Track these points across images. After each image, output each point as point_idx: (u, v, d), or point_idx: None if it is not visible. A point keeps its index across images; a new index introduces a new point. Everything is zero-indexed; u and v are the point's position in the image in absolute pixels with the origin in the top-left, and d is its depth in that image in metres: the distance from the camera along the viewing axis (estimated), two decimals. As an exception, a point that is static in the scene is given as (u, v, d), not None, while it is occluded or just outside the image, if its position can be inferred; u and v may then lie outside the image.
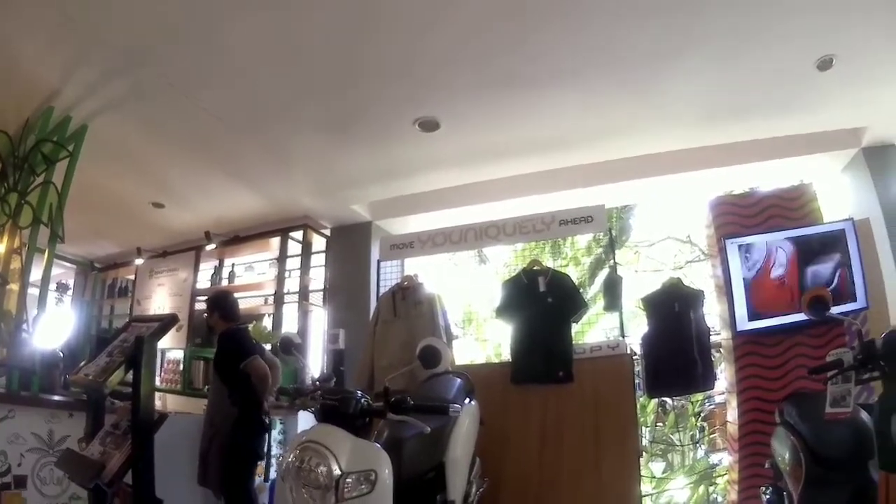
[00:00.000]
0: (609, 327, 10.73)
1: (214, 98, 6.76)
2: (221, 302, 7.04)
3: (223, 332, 6.79)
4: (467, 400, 5.44)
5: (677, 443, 12.30)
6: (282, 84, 6.54)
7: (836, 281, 6.60)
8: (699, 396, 10.97)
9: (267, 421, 6.69)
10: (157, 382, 9.89)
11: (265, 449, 6.99)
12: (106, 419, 4.88)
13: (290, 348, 5.05)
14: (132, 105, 6.84)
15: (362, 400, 3.74)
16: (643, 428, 11.82)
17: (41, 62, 6.14)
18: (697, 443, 12.03)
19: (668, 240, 14.41)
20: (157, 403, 6.69)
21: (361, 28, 5.63)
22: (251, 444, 6.49)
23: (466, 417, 5.11)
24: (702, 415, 11.90)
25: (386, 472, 3.40)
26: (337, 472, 3.24)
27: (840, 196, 8.73)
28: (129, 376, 4.62)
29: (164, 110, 6.96)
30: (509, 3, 5.38)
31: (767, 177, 8.76)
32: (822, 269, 6.64)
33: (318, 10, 5.36)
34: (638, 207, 13.50)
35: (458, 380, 5.78)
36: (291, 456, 3.40)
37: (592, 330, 11.87)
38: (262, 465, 7.12)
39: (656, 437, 12.57)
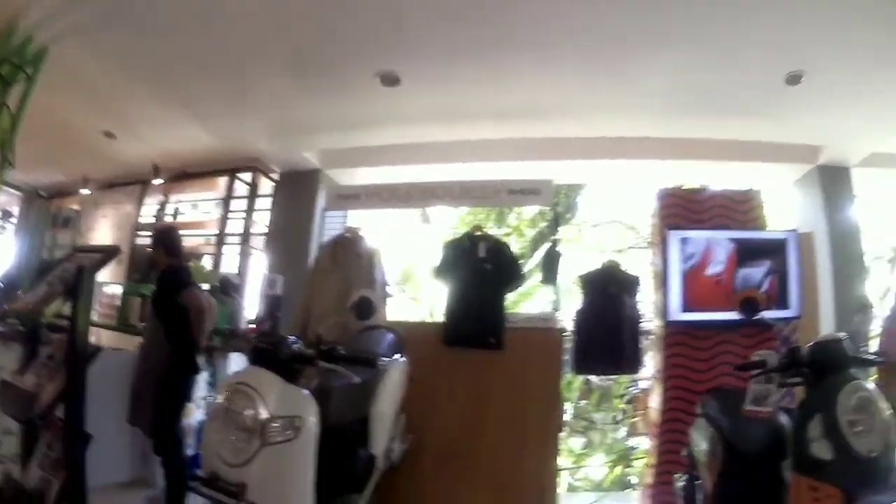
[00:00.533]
0: (544, 300, 10.87)
1: (180, 32, 6.66)
2: (167, 237, 6.86)
3: (165, 268, 6.63)
4: (397, 356, 5.52)
5: (599, 422, 12.50)
6: (249, 23, 6.48)
7: (765, 286, 6.70)
8: (625, 379, 11.15)
9: (201, 362, 6.59)
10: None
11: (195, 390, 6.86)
12: (42, 350, 4.84)
13: (230, 289, 5.06)
14: (93, 31, 6.69)
15: (294, 345, 3.74)
16: (567, 403, 12.01)
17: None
18: (619, 423, 12.24)
19: (613, 223, 14.59)
20: (91, 338, 6.60)
21: None
22: (184, 385, 6.35)
23: (395, 373, 5.20)
24: (626, 397, 12.10)
25: (312, 420, 3.44)
26: (264, 415, 3.26)
27: (787, 207, 8.95)
28: (66, 308, 4.58)
29: (126, 39, 6.86)
30: None
31: (720, 177, 8.94)
32: (756, 272, 6.74)
33: None
34: (588, 187, 13.67)
35: (391, 335, 5.86)
36: (221, 397, 3.42)
37: (528, 302, 12.02)
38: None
39: (579, 414, 12.77)
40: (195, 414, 6.96)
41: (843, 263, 8.48)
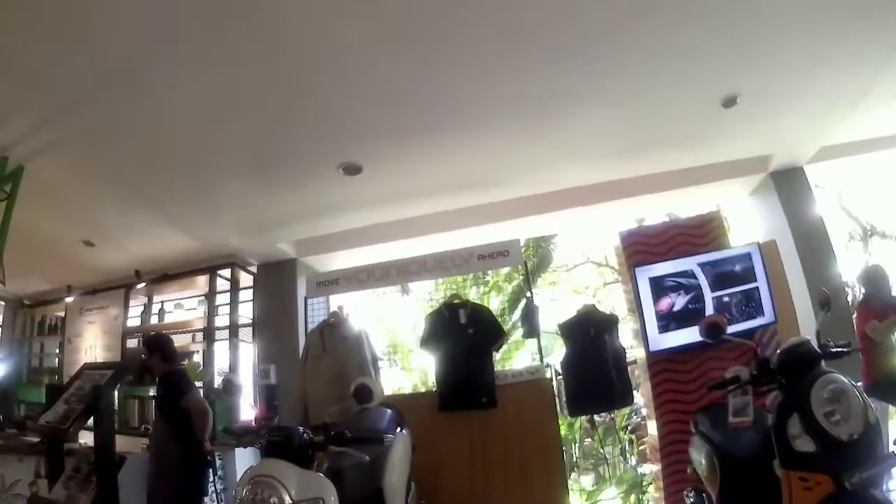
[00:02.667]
0: (534, 351, 11.05)
1: (145, 140, 6.79)
2: (161, 344, 7.08)
3: (164, 372, 6.85)
4: (398, 429, 5.69)
5: (608, 456, 12.53)
6: (211, 129, 6.66)
7: (736, 301, 6.98)
8: (626, 411, 11.25)
9: (210, 458, 6.71)
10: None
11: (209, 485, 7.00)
12: (67, 463, 4.94)
13: (232, 389, 5.17)
14: (66, 147, 6.85)
15: (304, 435, 3.91)
16: (573, 444, 12.14)
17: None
18: (627, 455, 12.27)
19: (587, 263, 14.78)
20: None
21: (282, 76, 5.80)
22: (197, 482, 6.58)
23: (399, 445, 5.34)
24: (629, 428, 12.18)
25: (332, 500, 3.61)
26: (288, 501, 3.42)
27: (752, 218, 9.05)
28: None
29: (95, 152, 7.02)
30: (418, 54, 5.65)
31: (679, 204, 9.05)
32: (726, 289, 7.03)
33: (246, 64, 5.53)
34: (559, 234, 13.81)
35: (389, 411, 6.04)
36: (244, 490, 3.52)
37: (519, 353, 12.12)
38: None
39: (586, 452, 12.84)
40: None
41: (812, 259, 8.61)
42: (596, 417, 11.17)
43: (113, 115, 6.30)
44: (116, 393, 9.64)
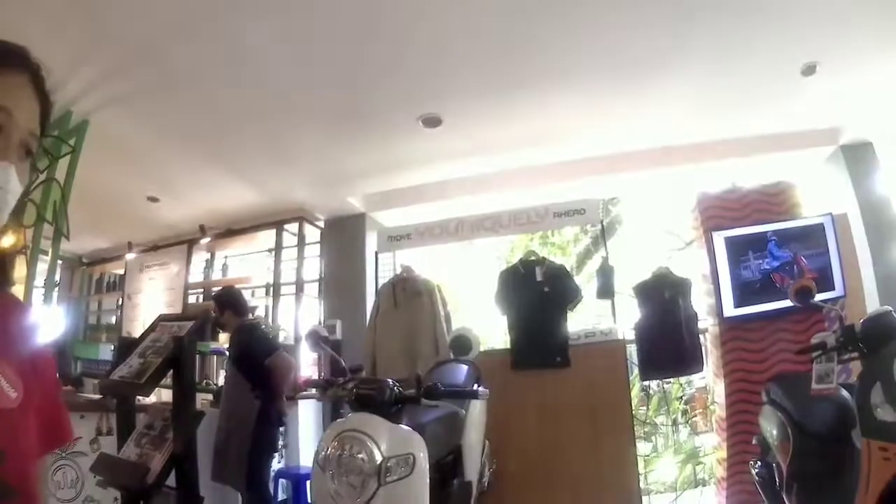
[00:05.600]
0: (588, 315, 10.96)
1: (217, 90, 6.79)
2: (233, 298, 7.11)
3: (239, 326, 6.84)
4: (475, 386, 5.62)
5: (661, 426, 12.56)
6: (287, 78, 6.61)
7: (811, 270, 6.90)
8: (682, 381, 11.26)
9: (283, 414, 6.78)
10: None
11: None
12: (138, 420, 4.97)
13: (319, 341, 5.16)
14: (132, 100, 6.84)
15: (395, 387, 3.85)
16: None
17: (48, 53, 5.89)
18: (680, 425, 12.29)
19: (649, 229, 14.69)
20: (153, 398, 6.71)
21: (369, 25, 5.75)
22: (272, 438, 6.63)
23: (478, 403, 5.31)
24: (683, 398, 12.18)
25: (422, 455, 3.56)
26: (379, 457, 3.36)
27: (819, 190, 8.97)
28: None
29: (164, 104, 7.00)
30: (510, 6, 5.58)
31: (749, 172, 8.95)
32: (801, 258, 6.97)
33: (325, 7, 5.48)
34: (622, 199, 13.66)
35: (465, 366, 6.03)
36: (329, 446, 3.48)
37: (574, 317, 12.12)
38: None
39: (640, 420, 12.86)
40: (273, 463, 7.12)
41: (878, 236, 8.51)
42: (653, 385, 11.22)
43: (184, 66, 6.29)
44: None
